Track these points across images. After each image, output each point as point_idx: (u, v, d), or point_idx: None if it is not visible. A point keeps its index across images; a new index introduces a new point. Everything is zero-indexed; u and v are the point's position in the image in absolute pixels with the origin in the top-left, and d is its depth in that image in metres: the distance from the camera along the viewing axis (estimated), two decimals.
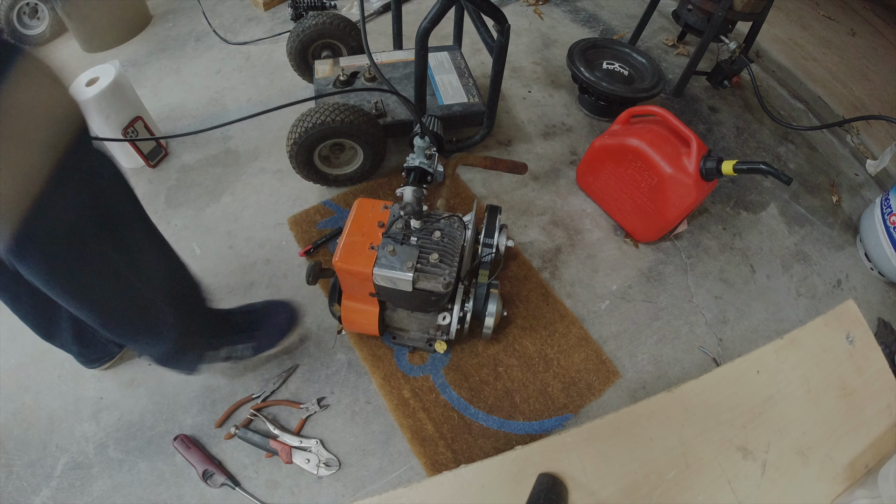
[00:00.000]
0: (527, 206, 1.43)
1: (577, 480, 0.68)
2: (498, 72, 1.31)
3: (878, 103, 1.92)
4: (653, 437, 0.72)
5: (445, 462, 0.99)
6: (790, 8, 2.33)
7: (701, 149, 1.16)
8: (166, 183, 1.41)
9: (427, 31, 1.14)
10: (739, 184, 1.58)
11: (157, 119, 1.50)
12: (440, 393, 1.07)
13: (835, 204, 1.60)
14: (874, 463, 0.78)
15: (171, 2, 2.07)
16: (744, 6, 1.56)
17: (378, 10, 2.07)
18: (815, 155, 1.75)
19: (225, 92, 1.67)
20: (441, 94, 1.50)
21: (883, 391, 0.84)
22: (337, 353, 1.12)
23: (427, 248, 0.87)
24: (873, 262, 1.42)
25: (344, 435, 1.02)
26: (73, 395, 1.05)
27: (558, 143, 1.62)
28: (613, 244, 1.38)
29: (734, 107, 1.83)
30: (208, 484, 0.93)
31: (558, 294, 1.25)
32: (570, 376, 1.12)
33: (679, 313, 1.26)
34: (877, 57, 2.17)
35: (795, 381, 0.80)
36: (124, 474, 0.96)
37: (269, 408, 1.04)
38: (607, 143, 1.30)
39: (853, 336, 0.86)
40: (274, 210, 1.36)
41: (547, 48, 1.98)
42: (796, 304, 1.33)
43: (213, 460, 0.96)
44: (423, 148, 1.00)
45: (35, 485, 0.95)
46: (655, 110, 1.23)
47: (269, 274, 1.24)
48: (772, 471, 0.73)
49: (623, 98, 1.54)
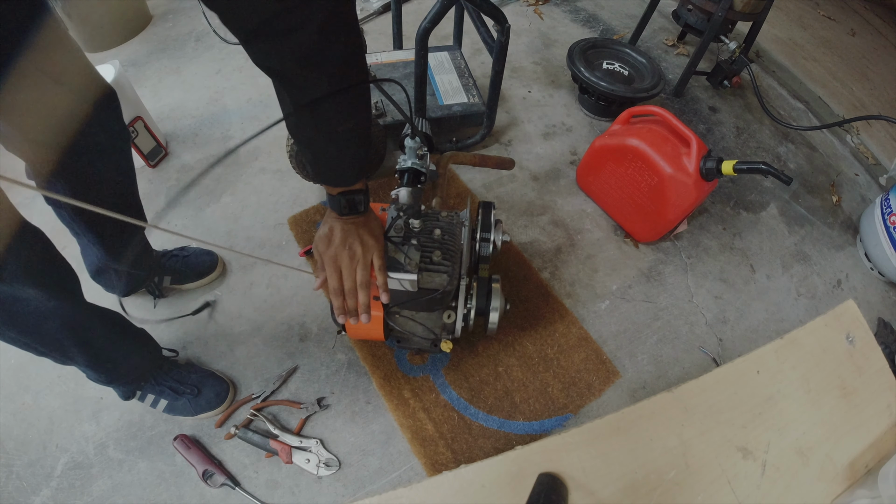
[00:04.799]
0: (527, 206, 1.43)
1: (577, 480, 0.68)
2: (498, 72, 1.31)
3: (878, 103, 1.92)
4: (653, 437, 0.72)
5: (445, 462, 0.99)
6: (790, 8, 2.33)
7: (701, 149, 1.16)
8: (166, 183, 1.41)
9: (427, 31, 1.14)
10: (739, 184, 1.58)
11: (157, 119, 1.50)
12: (440, 393, 1.07)
13: (835, 204, 1.60)
14: (874, 463, 0.78)
15: (171, 2, 2.07)
16: (744, 6, 1.56)
17: (378, 10, 2.07)
18: (815, 155, 1.75)
19: (225, 92, 1.67)
20: (441, 94, 1.50)
21: (883, 391, 0.84)
22: (337, 353, 1.12)
23: (429, 247, 0.87)
24: (873, 262, 1.42)
25: (344, 435, 1.02)
26: (73, 395, 1.05)
27: (558, 143, 1.62)
28: (613, 244, 1.38)
29: (734, 107, 1.83)
30: (208, 484, 0.94)
31: (558, 294, 1.25)
32: (570, 376, 1.12)
33: (679, 313, 1.26)
34: (877, 57, 2.17)
35: (795, 381, 0.80)
36: (124, 474, 0.96)
37: (269, 408, 1.04)
38: (607, 143, 1.30)
39: (853, 336, 0.86)
40: (274, 210, 1.36)
41: (547, 48, 1.98)
42: (796, 304, 1.33)
43: (213, 460, 0.96)
44: (415, 148, 1.00)
45: (35, 485, 0.95)
46: (655, 110, 1.23)
47: (269, 274, 1.24)
48: (772, 471, 0.73)
49: (623, 98, 1.54)
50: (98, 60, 1.32)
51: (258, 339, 1.13)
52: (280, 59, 0.54)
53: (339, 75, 0.57)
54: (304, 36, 0.51)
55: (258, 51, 0.54)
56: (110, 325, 0.87)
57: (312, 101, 0.58)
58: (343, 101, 0.60)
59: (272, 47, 0.53)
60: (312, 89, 0.57)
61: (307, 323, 1.16)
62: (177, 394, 0.98)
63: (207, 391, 1.00)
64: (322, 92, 0.57)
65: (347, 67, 0.58)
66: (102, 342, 0.85)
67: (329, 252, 0.75)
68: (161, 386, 0.98)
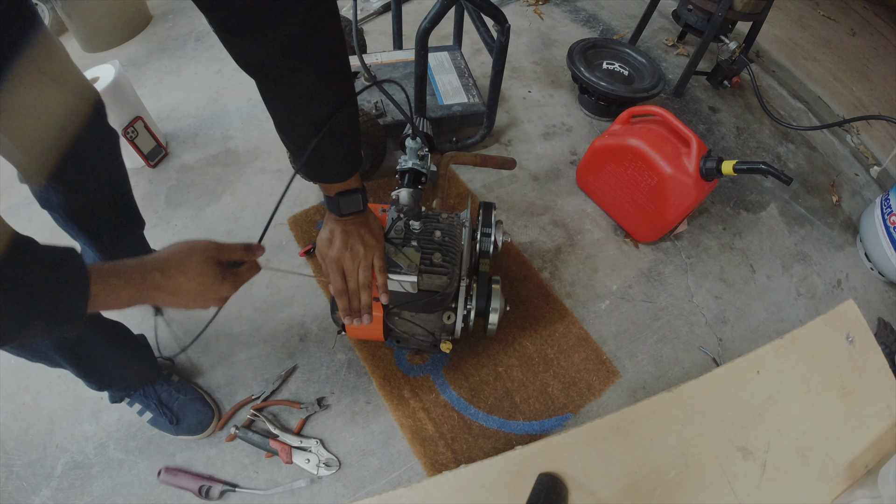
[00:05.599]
0: (527, 206, 1.43)
1: (577, 480, 0.68)
2: (498, 72, 1.31)
3: (878, 103, 1.93)
4: (653, 437, 0.72)
5: (445, 462, 0.99)
6: (790, 8, 2.33)
7: (701, 149, 1.16)
8: (166, 183, 1.41)
9: (427, 31, 1.14)
10: (739, 184, 1.58)
11: (157, 119, 1.50)
12: (440, 393, 1.07)
13: (835, 204, 1.60)
14: (874, 463, 0.78)
15: (171, 2, 2.07)
16: (744, 6, 1.56)
17: (378, 10, 2.07)
18: (815, 155, 1.75)
19: (225, 92, 1.67)
20: (441, 94, 1.50)
21: (883, 391, 0.84)
22: (337, 353, 1.12)
23: (429, 249, 0.87)
24: (873, 262, 1.42)
25: (344, 435, 1.02)
26: (73, 395, 1.05)
27: (558, 143, 1.62)
28: (613, 244, 1.38)
29: (734, 107, 1.83)
30: (208, 498, 0.93)
31: (558, 294, 1.25)
32: (570, 376, 1.12)
33: (679, 313, 1.26)
34: (877, 57, 2.17)
35: (795, 381, 0.80)
36: (124, 474, 0.96)
37: (269, 408, 1.04)
38: (607, 143, 1.30)
39: (853, 336, 0.86)
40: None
41: (547, 48, 1.98)
42: (796, 304, 1.33)
43: (203, 475, 0.95)
44: (416, 149, 1.00)
45: (35, 485, 0.95)
46: (655, 110, 1.23)
47: (269, 274, 1.24)
48: (772, 471, 0.73)
49: (623, 98, 1.54)
50: (98, 60, 1.32)
51: (258, 339, 1.13)
52: (267, 51, 0.53)
53: (326, 66, 0.57)
54: (289, 25, 0.50)
55: (242, 44, 0.53)
56: (106, 337, 0.86)
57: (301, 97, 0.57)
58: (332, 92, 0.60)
59: (257, 39, 0.51)
60: (300, 83, 0.56)
61: (307, 323, 1.16)
62: (160, 412, 0.97)
63: (191, 417, 0.98)
64: (310, 84, 0.56)
65: (333, 58, 0.57)
66: (94, 357, 0.84)
67: (332, 254, 0.75)
68: (149, 399, 0.97)
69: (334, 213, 0.74)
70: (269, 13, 0.49)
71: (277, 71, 0.56)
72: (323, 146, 0.64)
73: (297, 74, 0.56)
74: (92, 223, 0.89)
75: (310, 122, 0.61)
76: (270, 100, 0.61)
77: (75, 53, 1.82)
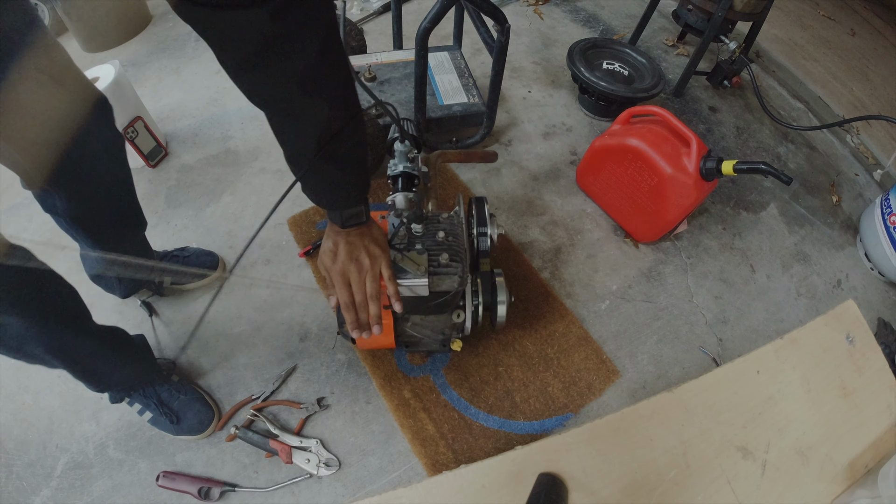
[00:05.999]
0: (527, 206, 1.43)
1: (577, 480, 0.68)
2: (498, 72, 1.31)
3: (878, 103, 1.92)
4: (653, 437, 0.72)
5: (446, 462, 0.99)
6: (790, 8, 2.33)
7: (701, 149, 1.16)
8: (166, 183, 1.41)
9: (427, 31, 1.14)
10: (739, 184, 1.58)
11: (157, 119, 1.50)
12: (440, 393, 1.07)
13: (835, 204, 1.60)
14: (874, 463, 0.78)
15: None
16: (744, 6, 1.56)
17: (378, 10, 2.07)
18: (815, 155, 1.75)
19: (225, 92, 1.67)
20: (441, 94, 1.50)
21: (883, 391, 0.84)
22: (337, 353, 1.12)
23: (435, 250, 0.87)
24: (873, 262, 1.42)
25: (344, 435, 1.02)
26: (73, 395, 1.05)
27: (558, 143, 1.62)
28: (613, 244, 1.38)
29: (734, 107, 1.83)
30: (208, 499, 0.93)
31: (558, 294, 1.25)
32: (570, 376, 1.12)
33: (679, 313, 1.26)
34: (877, 57, 2.17)
35: (795, 381, 0.80)
36: (124, 474, 0.96)
37: (269, 408, 1.04)
38: (607, 143, 1.30)
39: (853, 336, 0.86)
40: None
41: (547, 48, 1.98)
42: (796, 304, 1.33)
43: (202, 477, 0.95)
44: (405, 152, 1.00)
45: (35, 485, 0.95)
46: (655, 110, 1.23)
47: (269, 274, 1.24)
48: (772, 471, 0.73)
49: (623, 98, 1.54)
50: (98, 60, 1.33)
51: (258, 339, 1.13)
52: (283, 86, 0.53)
53: (340, 99, 0.57)
54: (305, 60, 0.50)
55: (257, 81, 0.53)
56: (104, 342, 0.85)
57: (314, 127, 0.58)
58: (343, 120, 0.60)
59: (272, 75, 0.51)
60: (316, 115, 0.57)
61: (307, 323, 1.16)
62: (160, 412, 0.97)
63: (191, 417, 0.98)
64: (323, 117, 0.57)
65: (346, 91, 0.58)
66: (91, 360, 0.83)
67: (336, 267, 0.74)
68: (149, 399, 0.97)
69: (336, 225, 0.73)
70: (285, 49, 0.49)
71: (291, 105, 0.56)
72: (333, 174, 0.64)
73: (310, 108, 0.56)
74: (96, 227, 0.89)
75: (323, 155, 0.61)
76: (282, 132, 0.62)
77: (75, 53, 1.82)
